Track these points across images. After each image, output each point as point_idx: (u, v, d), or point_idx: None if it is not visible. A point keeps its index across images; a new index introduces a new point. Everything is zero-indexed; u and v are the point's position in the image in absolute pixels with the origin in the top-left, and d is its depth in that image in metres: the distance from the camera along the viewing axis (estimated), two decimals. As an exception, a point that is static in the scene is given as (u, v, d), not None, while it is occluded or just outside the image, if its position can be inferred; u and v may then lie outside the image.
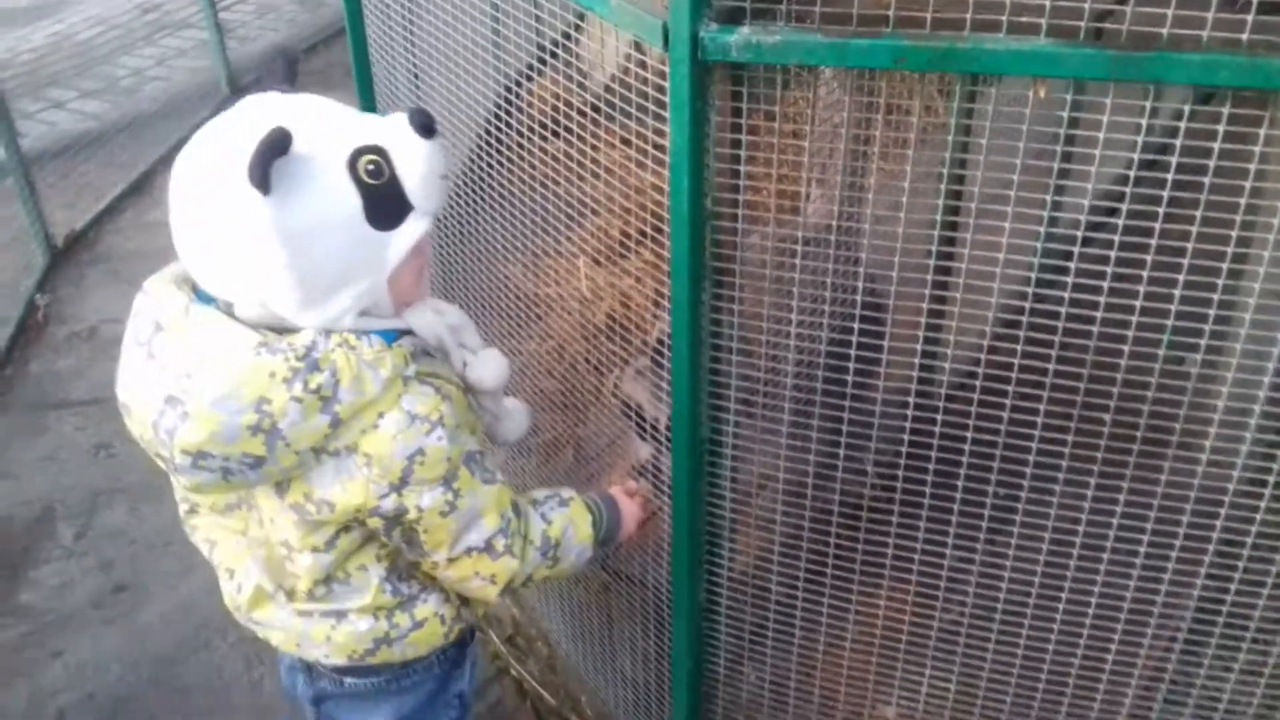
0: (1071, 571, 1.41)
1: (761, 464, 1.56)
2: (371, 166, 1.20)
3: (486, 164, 1.92)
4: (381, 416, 1.24)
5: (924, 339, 1.56)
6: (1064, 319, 1.23)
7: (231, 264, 1.19)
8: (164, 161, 5.00)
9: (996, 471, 1.36)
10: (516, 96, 1.92)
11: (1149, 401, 1.23)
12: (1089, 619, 1.44)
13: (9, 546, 2.84)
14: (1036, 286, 1.29)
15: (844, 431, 1.45)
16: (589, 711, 2.26)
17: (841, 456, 1.47)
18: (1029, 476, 1.35)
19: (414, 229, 1.26)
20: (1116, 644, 1.45)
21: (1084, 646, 1.46)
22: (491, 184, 1.94)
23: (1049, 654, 1.48)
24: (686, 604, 1.66)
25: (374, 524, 1.33)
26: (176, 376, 1.19)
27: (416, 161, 1.24)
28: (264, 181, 1.11)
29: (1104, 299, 1.19)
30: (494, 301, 2.10)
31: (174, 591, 2.66)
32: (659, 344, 1.60)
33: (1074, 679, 1.50)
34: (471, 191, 2.02)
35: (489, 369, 1.41)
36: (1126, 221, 1.15)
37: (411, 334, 1.32)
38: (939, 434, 1.38)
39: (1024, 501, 1.37)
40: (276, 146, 1.12)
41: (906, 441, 1.42)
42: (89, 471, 3.10)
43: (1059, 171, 1.26)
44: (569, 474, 2.12)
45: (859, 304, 1.36)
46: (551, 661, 2.38)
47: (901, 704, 1.66)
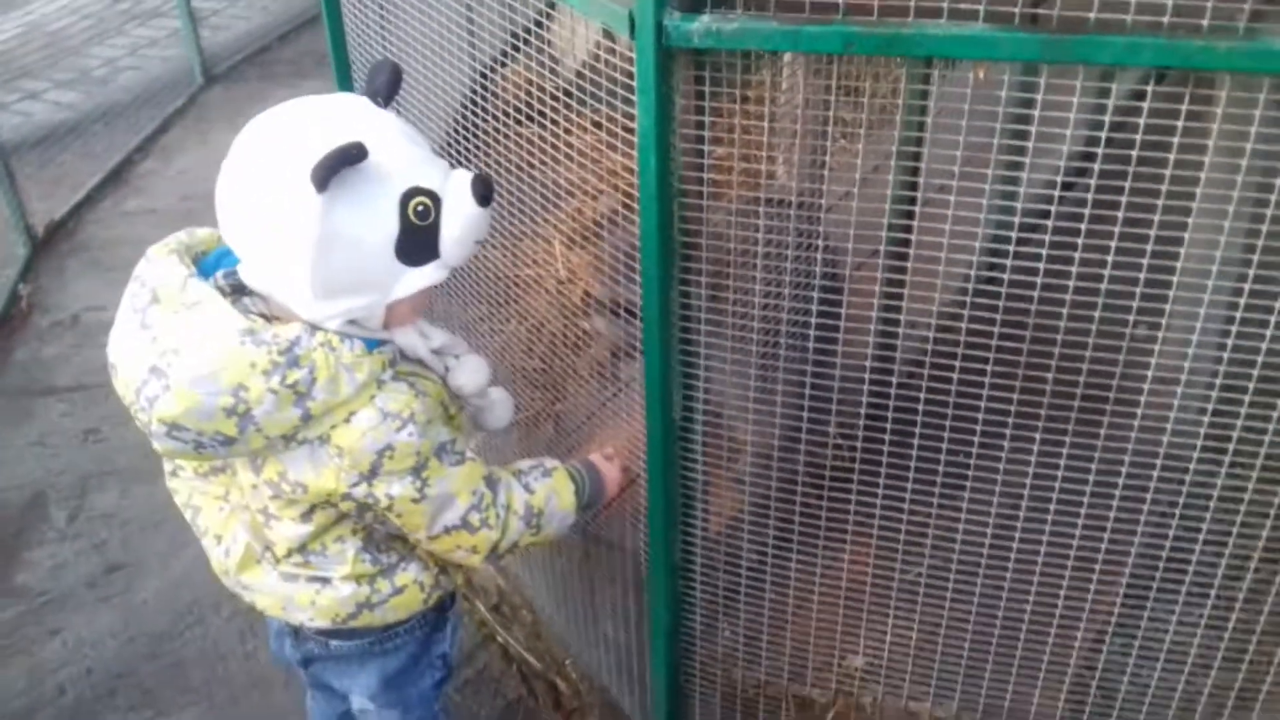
0: (1020, 525, 1.50)
1: (730, 431, 1.64)
2: (421, 208, 1.28)
3: (462, 150, 1.98)
4: (354, 414, 1.31)
5: (880, 309, 1.64)
6: (1006, 288, 1.32)
7: (260, 234, 1.26)
8: (140, 150, 5.04)
9: (948, 435, 1.45)
10: (491, 82, 1.99)
11: (1087, 361, 1.32)
12: (1038, 570, 1.53)
13: (3, 530, 2.90)
14: (989, 256, 1.38)
15: (806, 399, 1.54)
16: (573, 674, 2.34)
17: (805, 421, 1.56)
18: (978, 436, 1.43)
19: (432, 274, 1.33)
20: (1064, 592, 1.54)
21: (1034, 595, 1.56)
22: (468, 169, 1.99)
23: (1002, 603, 1.58)
24: (663, 564, 1.74)
25: (346, 507, 1.40)
26: (164, 350, 1.25)
27: (462, 221, 1.32)
28: (325, 184, 1.18)
29: (1043, 269, 1.27)
30: (474, 284, 2.17)
31: (166, 569, 2.73)
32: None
33: (1026, 625, 1.59)
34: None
35: (468, 376, 1.47)
36: (1078, 194, 1.23)
37: (393, 343, 1.39)
38: (893, 403, 1.46)
39: (974, 459, 1.46)
40: (349, 159, 1.19)
41: (864, 406, 1.50)
42: (78, 456, 3.16)
43: (1010, 150, 1.34)
44: (549, 447, 2.20)
45: (818, 274, 1.45)
46: (536, 628, 2.47)
47: (868, 653, 1.76)
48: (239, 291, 1.34)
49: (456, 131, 1.99)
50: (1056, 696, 1.65)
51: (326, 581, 1.49)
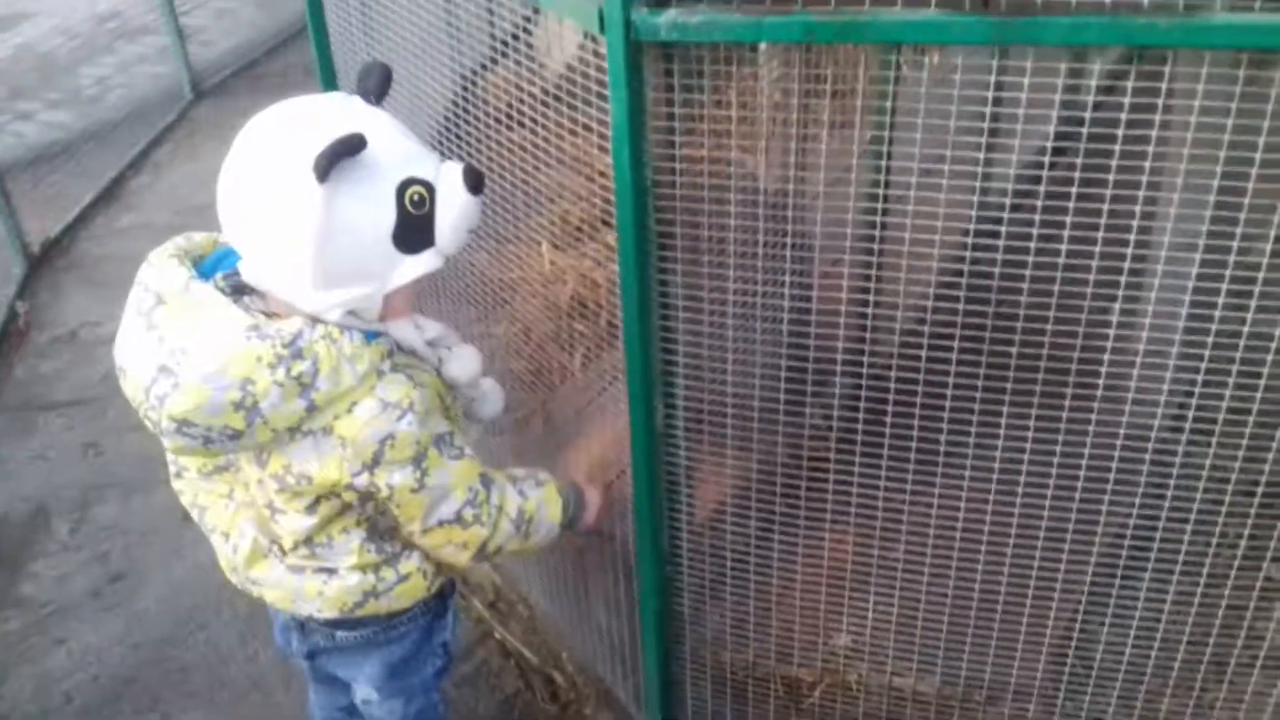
0: (991, 502, 1.54)
1: (711, 415, 1.68)
2: (417, 197, 1.33)
3: (449, 155, 2.02)
4: (356, 404, 1.35)
5: (854, 299, 1.68)
6: (973, 277, 1.36)
7: (262, 227, 1.30)
8: (132, 167, 5.09)
9: (918, 420, 1.49)
10: (475, 87, 2.03)
11: (1048, 335, 1.36)
12: (1010, 546, 1.57)
13: (7, 542, 2.93)
14: (968, 248, 1.42)
15: (781, 384, 1.58)
16: (569, 666, 2.38)
17: (781, 405, 1.60)
18: (946, 420, 1.48)
19: (428, 261, 1.38)
20: (1036, 567, 1.58)
21: (1008, 571, 1.59)
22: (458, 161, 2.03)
23: (977, 578, 1.62)
24: (650, 552, 1.78)
25: (349, 497, 1.44)
26: (172, 350, 1.30)
27: (455, 208, 1.37)
28: (326, 173, 1.23)
29: (1003, 246, 1.32)
30: (464, 288, 2.21)
31: (168, 577, 2.76)
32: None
33: (1002, 600, 1.63)
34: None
35: (462, 366, 1.53)
36: (1051, 173, 1.28)
37: (390, 335, 1.44)
38: (864, 388, 1.50)
39: (944, 440, 1.50)
40: (350, 149, 1.24)
41: (838, 389, 1.55)
42: (79, 469, 3.19)
43: (977, 135, 1.38)
44: (539, 444, 2.23)
45: (789, 259, 1.49)
46: (532, 622, 2.51)
47: (852, 632, 1.80)
48: (239, 292, 1.39)
49: (443, 137, 2.03)
50: (1035, 668, 1.69)
51: (333, 572, 1.53)
